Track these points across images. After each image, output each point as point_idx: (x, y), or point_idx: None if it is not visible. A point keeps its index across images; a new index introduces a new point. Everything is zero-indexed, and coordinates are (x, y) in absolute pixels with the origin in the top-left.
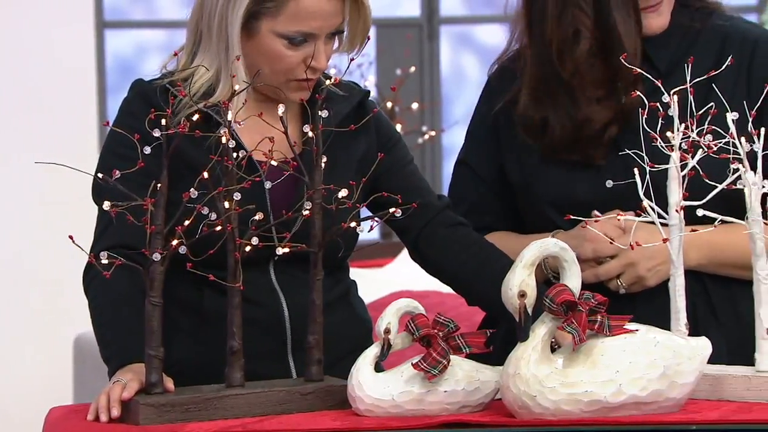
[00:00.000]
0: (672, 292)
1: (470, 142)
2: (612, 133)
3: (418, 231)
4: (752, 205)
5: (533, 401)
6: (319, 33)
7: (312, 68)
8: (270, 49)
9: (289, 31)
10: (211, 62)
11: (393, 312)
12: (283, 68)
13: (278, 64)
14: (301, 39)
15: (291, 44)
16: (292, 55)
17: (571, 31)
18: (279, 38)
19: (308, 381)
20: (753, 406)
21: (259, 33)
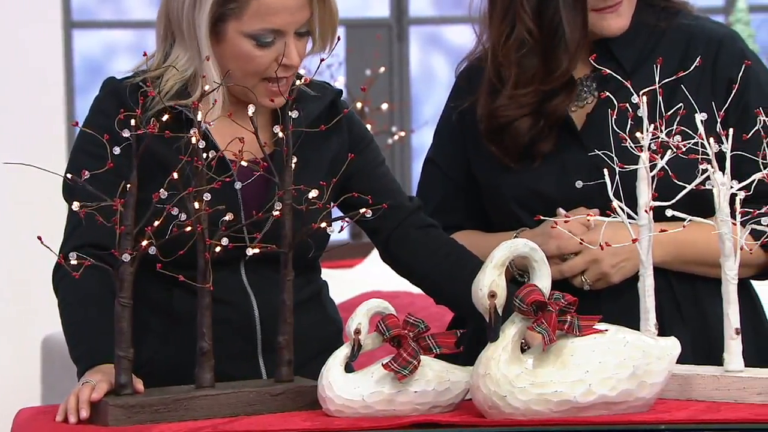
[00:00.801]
0: (641, 292)
1: (438, 141)
2: (523, 128)
3: (389, 232)
4: (721, 205)
5: (503, 401)
6: (286, 29)
7: (284, 66)
8: (239, 51)
9: (256, 30)
10: (184, 62)
11: (363, 312)
12: (254, 69)
13: (249, 65)
14: (269, 39)
15: (259, 45)
16: (262, 56)
17: (509, 28)
18: (247, 39)
19: (278, 382)
20: (721, 406)
21: (226, 35)
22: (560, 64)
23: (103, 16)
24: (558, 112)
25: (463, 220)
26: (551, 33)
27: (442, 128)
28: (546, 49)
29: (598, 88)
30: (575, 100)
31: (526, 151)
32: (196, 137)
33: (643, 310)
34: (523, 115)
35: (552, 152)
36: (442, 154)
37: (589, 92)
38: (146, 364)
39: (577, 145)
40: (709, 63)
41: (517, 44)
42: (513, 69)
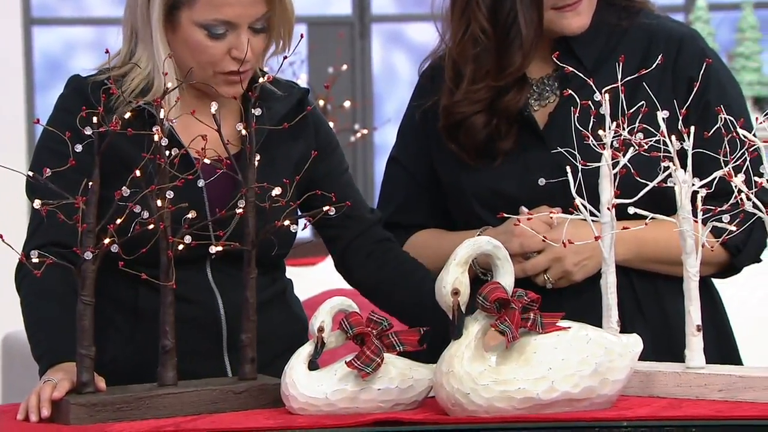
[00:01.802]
0: (603, 289)
1: (401, 139)
2: (478, 124)
3: (347, 243)
4: (682, 202)
5: (466, 399)
6: (238, 22)
7: (236, 59)
8: (192, 41)
9: (207, 20)
10: (146, 59)
11: (326, 310)
12: (207, 60)
13: (202, 56)
14: (221, 30)
15: (211, 35)
16: (214, 47)
17: (465, 25)
18: (199, 28)
19: (241, 380)
20: (683, 402)
21: (180, 25)
22: (514, 61)
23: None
24: (510, 109)
25: (426, 219)
26: (506, 30)
27: (405, 127)
28: (500, 46)
29: (561, 87)
30: (537, 99)
31: (486, 149)
32: (159, 135)
33: (605, 307)
34: (476, 111)
35: (515, 151)
36: (405, 153)
37: (551, 91)
38: (111, 362)
39: (539, 144)
40: (670, 62)
41: (472, 41)
42: (469, 66)
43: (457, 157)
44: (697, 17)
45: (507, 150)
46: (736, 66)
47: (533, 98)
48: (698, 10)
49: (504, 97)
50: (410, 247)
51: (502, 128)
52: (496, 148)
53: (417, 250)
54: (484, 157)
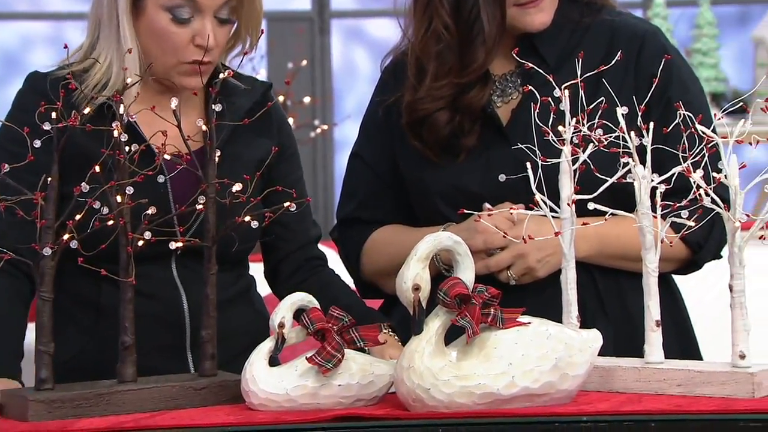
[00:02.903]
0: (563, 285)
1: (364, 135)
2: (441, 121)
3: (283, 255)
4: (642, 198)
5: (427, 394)
6: (204, 8)
7: (200, 47)
8: (157, 26)
9: (173, 2)
10: (107, 52)
11: (287, 306)
12: (171, 47)
13: (166, 42)
14: (186, 15)
15: (176, 20)
16: (179, 32)
17: (428, 21)
18: (164, 12)
19: (202, 376)
20: (642, 397)
21: (145, 11)
22: (476, 57)
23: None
24: (473, 106)
25: (388, 215)
26: (468, 27)
27: (367, 122)
28: (463, 42)
29: (523, 84)
30: (500, 95)
31: (449, 146)
32: (119, 130)
33: (565, 303)
34: (439, 108)
35: (477, 148)
36: (368, 149)
37: (514, 88)
38: (73, 358)
39: (502, 140)
40: (632, 59)
41: (435, 37)
42: (432, 62)
43: (421, 153)
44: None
45: (470, 147)
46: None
47: (496, 95)
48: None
49: (467, 94)
50: (372, 243)
51: (465, 125)
52: (459, 145)
53: (379, 246)
54: (448, 154)
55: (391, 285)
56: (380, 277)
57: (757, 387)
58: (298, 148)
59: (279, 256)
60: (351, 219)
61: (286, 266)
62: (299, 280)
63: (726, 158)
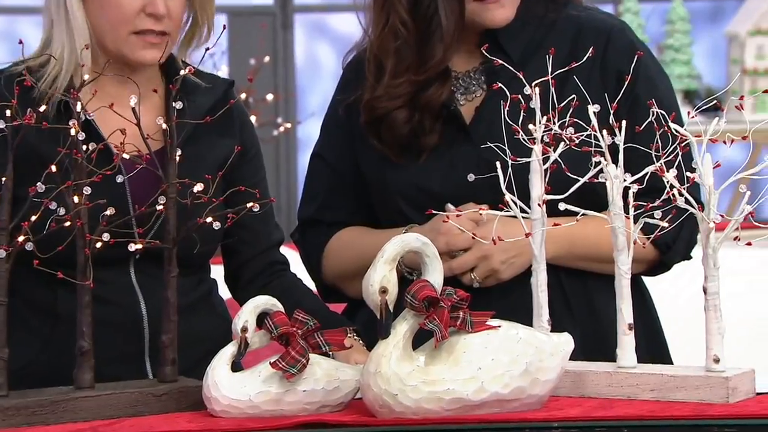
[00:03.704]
0: (534, 287)
1: (325, 134)
2: (400, 120)
3: (245, 259)
4: (614, 198)
5: (394, 400)
6: None
7: (152, 16)
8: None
9: None
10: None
11: (250, 310)
12: (121, 17)
13: (116, 12)
14: None
15: None
16: (128, 2)
17: (386, 17)
18: None
19: (161, 382)
20: (614, 402)
21: None
22: (435, 54)
23: None
24: (432, 103)
25: (350, 216)
26: (426, 23)
27: (329, 121)
28: (421, 39)
29: (488, 81)
30: (464, 93)
31: (409, 145)
32: (76, 128)
33: (536, 306)
34: (398, 106)
35: (440, 147)
36: (329, 148)
37: (477, 85)
38: (29, 365)
39: (465, 139)
40: (599, 55)
41: (393, 34)
42: (390, 59)
43: (382, 153)
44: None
45: (432, 146)
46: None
47: (459, 92)
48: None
49: (426, 92)
50: (334, 246)
51: (426, 123)
52: (420, 144)
53: (341, 248)
54: (409, 153)
55: (353, 288)
56: (342, 280)
57: (731, 392)
58: (260, 148)
59: (240, 259)
60: (312, 220)
61: (247, 270)
62: (261, 285)
63: (700, 157)
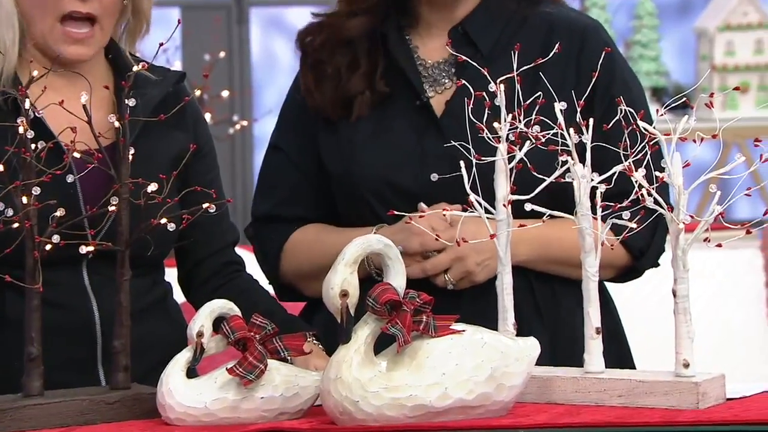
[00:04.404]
0: (499, 290)
1: (283, 125)
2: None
3: (200, 259)
4: (581, 199)
5: (355, 407)
6: None
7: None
8: None
9: None
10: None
11: (206, 314)
12: (50, 2)
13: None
14: None
15: None
16: None
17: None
18: None
19: (114, 389)
20: (581, 409)
21: None
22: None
23: None
24: (358, 29)
25: (309, 212)
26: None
27: (287, 110)
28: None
29: (457, 74)
30: (433, 85)
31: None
32: (24, 126)
33: (501, 309)
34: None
35: (410, 140)
36: (287, 140)
37: (447, 77)
38: None
39: (436, 133)
40: (574, 54)
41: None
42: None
43: (348, 145)
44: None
45: (366, 103)
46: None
47: (428, 83)
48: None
49: (353, 20)
50: (293, 244)
51: (362, 60)
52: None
53: (301, 247)
54: (343, 110)
55: (312, 288)
56: (301, 280)
57: (701, 397)
58: (214, 143)
59: (194, 260)
60: (269, 216)
61: (201, 271)
62: (215, 286)
63: (669, 156)
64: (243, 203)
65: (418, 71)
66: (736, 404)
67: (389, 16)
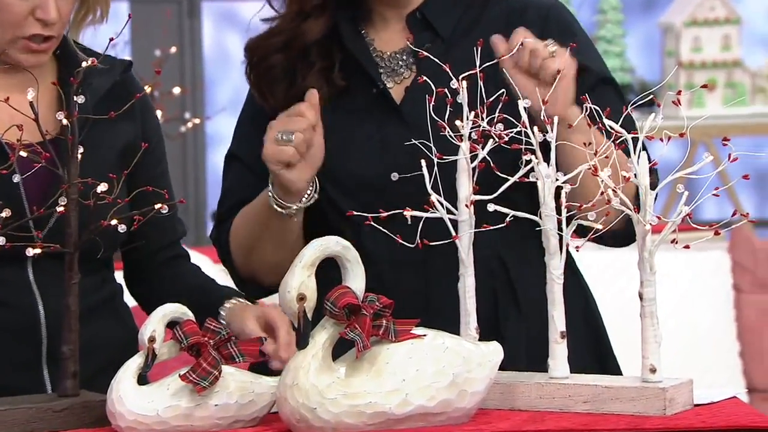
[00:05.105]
0: (461, 293)
1: (241, 131)
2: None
3: (144, 255)
4: (545, 199)
5: (313, 414)
6: None
7: (41, 21)
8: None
9: None
10: None
11: (158, 318)
12: (9, 20)
13: (4, 15)
14: None
15: None
16: (17, 4)
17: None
18: None
19: (62, 396)
20: (545, 415)
21: None
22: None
23: None
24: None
25: None
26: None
27: (245, 118)
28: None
29: (416, 63)
30: (391, 75)
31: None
32: None
33: (463, 313)
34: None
35: (372, 132)
36: (246, 147)
37: (405, 67)
38: None
39: (397, 121)
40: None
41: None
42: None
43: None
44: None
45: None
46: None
47: (386, 74)
48: None
49: (305, 23)
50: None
51: (316, 58)
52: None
53: (235, 228)
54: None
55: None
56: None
57: (669, 403)
58: (163, 135)
59: (141, 254)
60: (226, 218)
61: (148, 265)
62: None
63: (635, 156)
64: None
65: (375, 63)
66: (704, 410)
67: (341, 10)
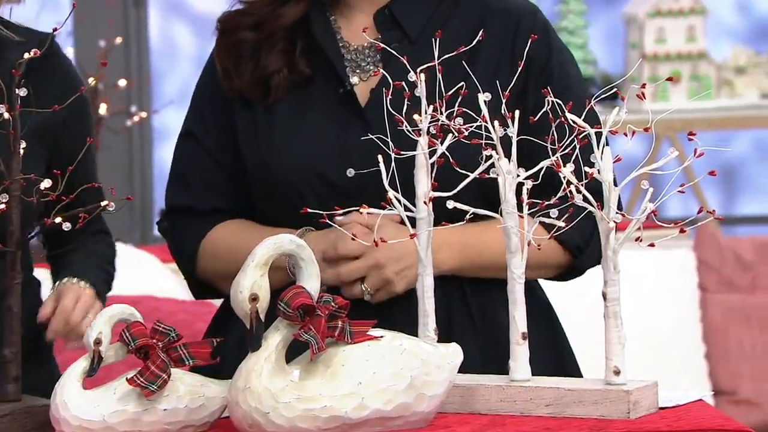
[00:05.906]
0: (419, 294)
1: (197, 108)
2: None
3: (68, 250)
4: (506, 195)
5: (265, 418)
6: None
7: None
8: None
9: None
10: None
11: (104, 320)
12: None
13: None
14: None
15: None
16: None
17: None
18: None
19: (3, 401)
20: (507, 419)
21: None
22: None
23: None
24: (282, 19)
25: (228, 203)
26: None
27: (200, 94)
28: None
29: (383, 59)
30: (356, 70)
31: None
32: None
33: (421, 314)
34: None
35: (333, 131)
36: (202, 125)
37: (371, 63)
38: None
39: (361, 124)
40: (509, 39)
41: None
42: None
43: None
44: None
45: (281, 85)
46: None
47: (351, 68)
48: None
49: (282, 7)
50: (211, 243)
51: (279, 38)
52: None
53: (219, 247)
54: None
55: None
56: (220, 280)
57: (633, 406)
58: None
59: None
60: (183, 208)
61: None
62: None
63: (599, 151)
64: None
65: (341, 54)
66: (670, 413)
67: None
